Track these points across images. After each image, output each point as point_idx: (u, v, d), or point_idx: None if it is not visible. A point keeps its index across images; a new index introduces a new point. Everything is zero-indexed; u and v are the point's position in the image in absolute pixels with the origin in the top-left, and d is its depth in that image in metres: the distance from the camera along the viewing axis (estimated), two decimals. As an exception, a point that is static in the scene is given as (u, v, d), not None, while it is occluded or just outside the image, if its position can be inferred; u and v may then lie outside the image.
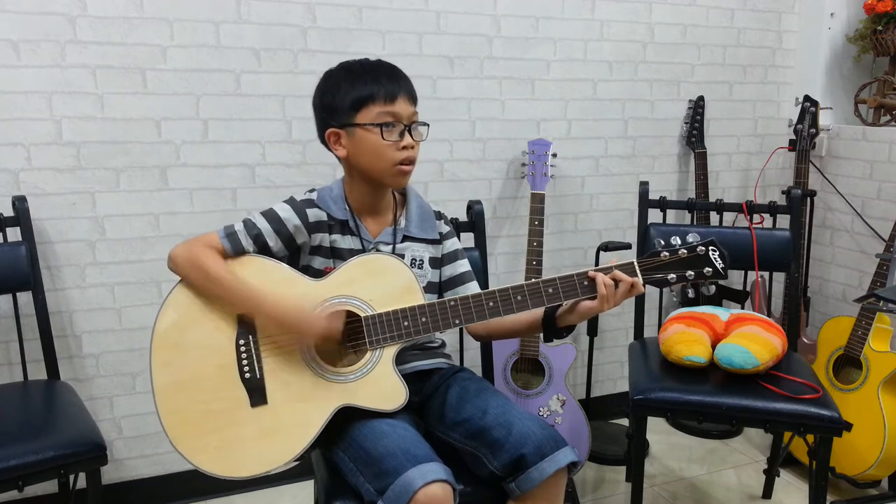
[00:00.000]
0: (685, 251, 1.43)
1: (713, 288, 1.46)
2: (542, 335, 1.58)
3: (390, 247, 1.54)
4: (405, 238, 1.56)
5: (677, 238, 1.45)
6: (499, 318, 1.44)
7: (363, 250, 1.51)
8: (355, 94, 1.43)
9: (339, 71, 1.48)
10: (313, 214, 1.49)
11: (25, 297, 1.92)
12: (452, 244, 1.63)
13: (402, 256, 1.53)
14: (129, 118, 2.05)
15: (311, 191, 1.53)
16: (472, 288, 1.60)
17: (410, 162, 1.47)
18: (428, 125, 1.51)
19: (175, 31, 2.05)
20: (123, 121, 2.05)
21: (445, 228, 1.63)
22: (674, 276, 1.43)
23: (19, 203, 1.90)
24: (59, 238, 2.05)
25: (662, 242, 1.45)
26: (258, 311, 1.40)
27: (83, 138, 2.02)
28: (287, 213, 1.48)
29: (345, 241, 1.51)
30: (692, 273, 1.43)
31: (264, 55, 2.16)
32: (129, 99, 2.04)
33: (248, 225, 1.46)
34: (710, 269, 1.43)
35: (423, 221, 1.58)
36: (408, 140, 1.46)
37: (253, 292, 1.40)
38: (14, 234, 1.91)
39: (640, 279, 1.43)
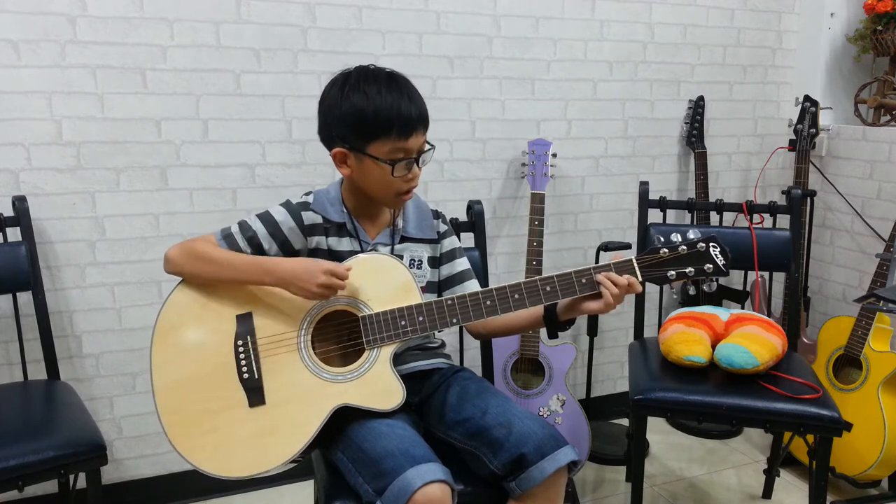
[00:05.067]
0: (685, 248, 1.42)
1: (714, 284, 1.45)
2: (543, 330, 1.57)
3: (388, 248, 1.54)
4: (403, 239, 1.56)
5: (678, 235, 1.44)
6: (497, 315, 1.43)
7: (361, 252, 1.51)
8: (369, 125, 1.38)
9: (354, 88, 1.40)
10: (308, 217, 1.49)
11: (25, 297, 1.92)
12: (451, 243, 1.63)
13: (401, 257, 1.53)
14: (129, 118, 2.05)
15: (308, 193, 1.53)
16: (471, 286, 1.59)
17: (412, 188, 1.48)
18: (434, 147, 1.47)
19: (175, 31, 2.05)
20: (123, 121, 2.05)
21: (443, 227, 1.63)
22: (673, 272, 1.43)
23: (19, 203, 1.90)
24: (59, 238, 2.05)
25: (662, 239, 1.44)
26: (267, 270, 1.40)
27: (83, 138, 2.02)
28: (282, 216, 1.48)
29: (342, 244, 1.51)
30: (692, 269, 1.42)
31: (264, 55, 2.16)
32: (129, 99, 2.04)
33: (244, 227, 1.47)
34: (711, 266, 1.42)
35: (420, 221, 1.58)
36: (414, 171, 1.45)
37: (258, 258, 1.42)
38: (14, 234, 1.91)
39: (637, 278, 1.42)
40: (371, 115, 1.38)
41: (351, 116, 1.40)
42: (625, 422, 2.78)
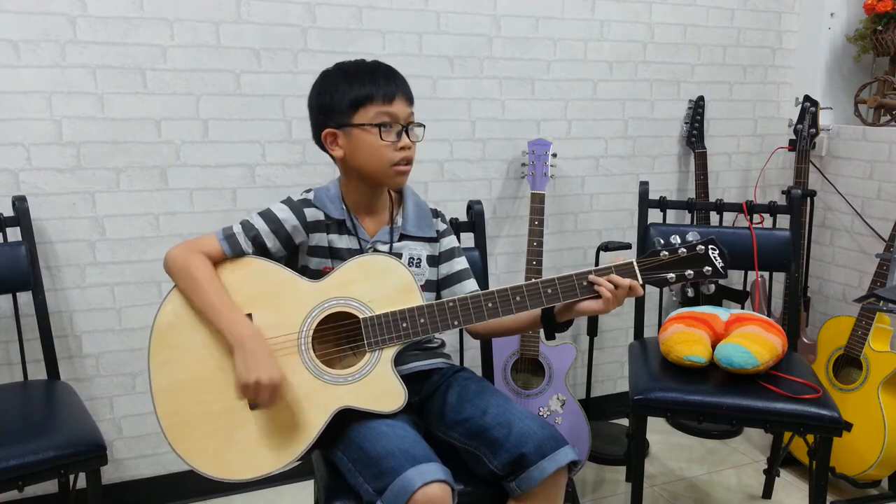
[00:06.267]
0: (684, 250, 1.43)
1: (713, 287, 1.46)
2: (542, 332, 1.57)
3: (387, 246, 1.54)
4: (402, 237, 1.56)
5: (677, 237, 1.45)
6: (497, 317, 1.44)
7: (360, 250, 1.51)
8: (353, 94, 1.43)
9: (336, 72, 1.48)
10: (311, 214, 1.49)
11: (25, 297, 1.92)
12: (450, 242, 1.63)
13: (400, 255, 1.53)
14: (129, 118, 2.05)
15: (308, 191, 1.53)
16: (470, 286, 1.60)
17: (408, 162, 1.48)
18: (424, 126, 1.51)
19: (175, 31, 2.05)
20: (123, 121, 2.05)
21: (442, 226, 1.63)
22: (673, 275, 1.43)
23: (19, 203, 1.90)
24: (59, 238, 2.05)
25: (662, 241, 1.45)
26: (230, 331, 1.36)
27: (83, 138, 2.02)
28: (285, 214, 1.48)
29: (342, 241, 1.51)
30: (692, 272, 1.43)
31: (264, 55, 2.16)
32: (129, 99, 2.04)
33: (246, 227, 1.46)
34: (710, 269, 1.42)
35: (419, 220, 1.58)
36: (405, 141, 1.46)
37: (236, 316, 1.38)
38: (14, 234, 1.91)
39: (638, 281, 1.43)
40: (356, 84, 1.43)
41: (337, 94, 1.44)
42: (625, 422, 2.78)
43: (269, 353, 1.35)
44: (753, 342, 1.89)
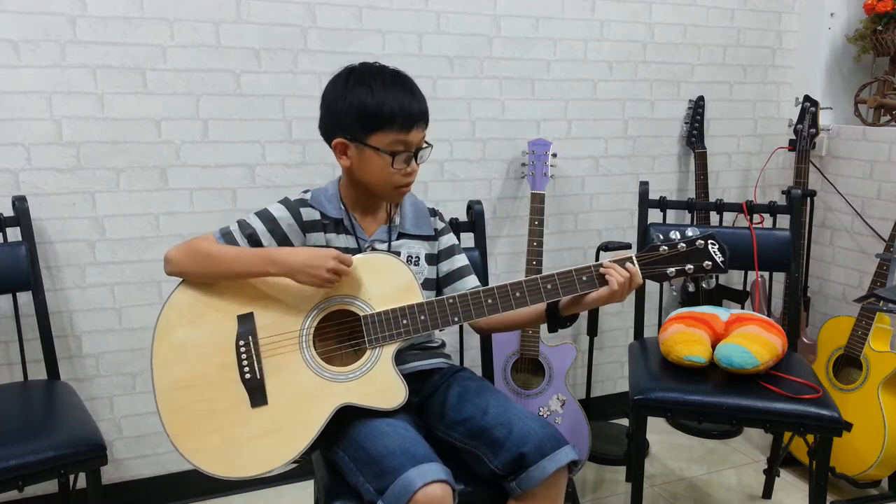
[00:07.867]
0: (684, 245, 1.44)
1: (713, 281, 1.46)
2: (544, 329, 1.57)
3: (386, 244, 1.54)
4: (400, 235, 1.57)
5: (676, 233, 1.46)
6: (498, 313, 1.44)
7: (359, 249, 1.51)
8: (373, 116, 1.40)
9: (359, 81, 1.43)
10: (307, 213, 1.50)
11: (25, 297, 1.92)
12: (448, 240, 1.64)
13: (398, 254, 1.53)
14: (129, 118, 2.05)
15: (306, 191, 1.54)
16: (471, 282, 1.60)
17: (410, 183, 1.49)
18: (431, 146, 1.50)
19: (175, 31, 2.05)
20: (123, 121, 2.05)
21: (440, 224, 1.64)
22: (673, 270, 1.44)
23: (19, 203, 1.90)
24: (59, 238, 2.05)
25: (661, 237, 1.46)
26: (272, 260, 1.39)
27: (83, 138, 2.02)
28: (281, 213, 1.48)
29: (340, 241, 1.52)
30: (691, 266, 1.44)
31: (264, 55, 2.16)
32: (129, 99, 2.04)
33: (243, 225, 1.47)
34: (710, 263, 1.43)
35: (417, 218, 1.59)
36: (413, 166, 1.47)
37: (261, 249, 1.42)
38: (14, 234, 1.91)
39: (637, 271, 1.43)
40: (375, 107, 1.40)
41: (355, 108, 1.42)
42: (625, 422, 2.78)
43: (310, 250, 1.39)
44: (753, 342, 1.89)
